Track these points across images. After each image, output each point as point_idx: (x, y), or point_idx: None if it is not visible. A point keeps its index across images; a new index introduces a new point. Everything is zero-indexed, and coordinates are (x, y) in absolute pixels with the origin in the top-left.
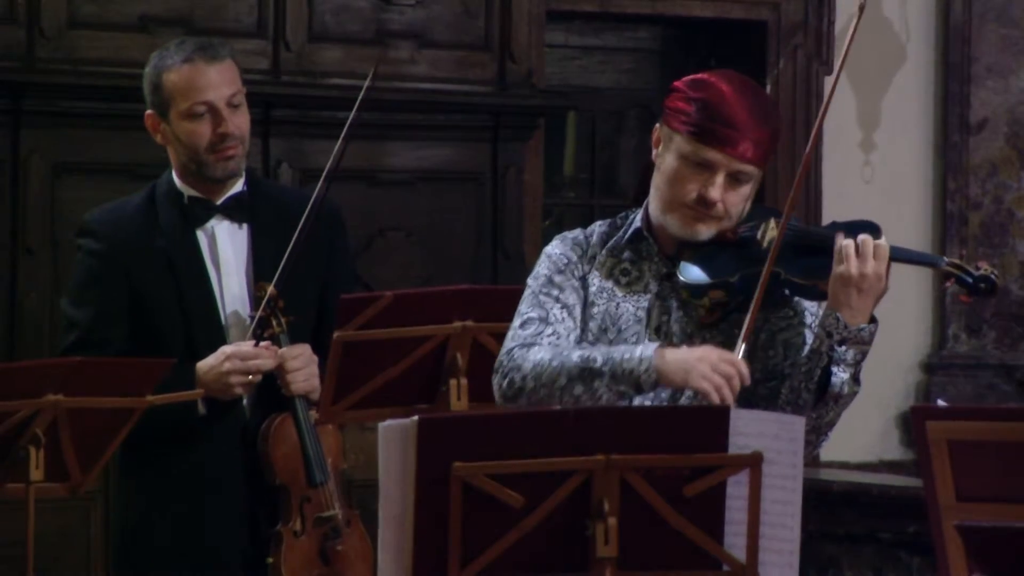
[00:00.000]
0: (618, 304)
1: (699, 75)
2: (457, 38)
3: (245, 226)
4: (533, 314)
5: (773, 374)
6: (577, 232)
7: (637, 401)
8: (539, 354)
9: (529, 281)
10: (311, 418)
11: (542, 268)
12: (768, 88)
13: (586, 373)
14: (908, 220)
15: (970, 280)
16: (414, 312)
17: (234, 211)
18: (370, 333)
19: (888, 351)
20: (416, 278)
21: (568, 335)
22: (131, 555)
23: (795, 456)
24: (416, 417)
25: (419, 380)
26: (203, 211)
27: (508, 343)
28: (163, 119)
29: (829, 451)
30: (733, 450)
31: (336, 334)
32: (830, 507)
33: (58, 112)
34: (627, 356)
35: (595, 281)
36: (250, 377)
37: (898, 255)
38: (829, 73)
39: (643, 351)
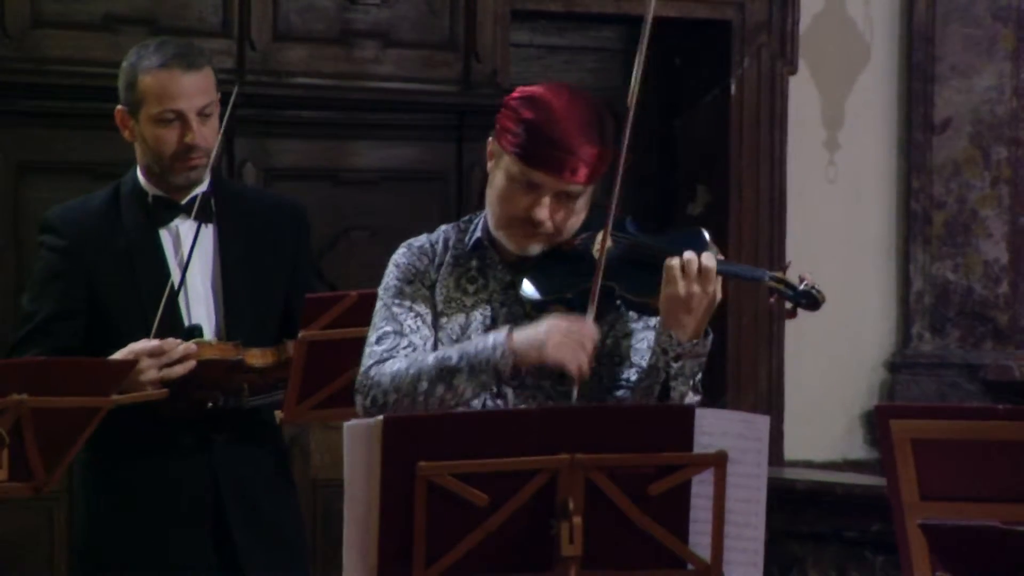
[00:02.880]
0: (467, 313)
1: (531, 90)
2: (422, 38)
3: (210, 226)
4: (388, 328)
5: (621, 383)
6: (423, 239)
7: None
8: (395, 365)
9: (380, 292)
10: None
11: (391, 279)
12: (733, 88)
13: (444, 373)
14: (872, 219)
15: (791, 294)
16: None
17: (198, 211)
18: (335, 332)
19: (852, 350)
20: (380, 277)
21: (424, 344)
22: (94, 555)
23: (760, 455)
24: (381, 416)
25: None
26: (167, 211)
27: (365, 361)
28: (133, 117)
29: (794, 450)
30: (698, 449)
31: (301, 333)
32: (794, 506)
33: (22, 111)
34: (480, 347)
35: (442, 290)
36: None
37: (723, 271)
38: (793, 73)
39: (495, 338)
